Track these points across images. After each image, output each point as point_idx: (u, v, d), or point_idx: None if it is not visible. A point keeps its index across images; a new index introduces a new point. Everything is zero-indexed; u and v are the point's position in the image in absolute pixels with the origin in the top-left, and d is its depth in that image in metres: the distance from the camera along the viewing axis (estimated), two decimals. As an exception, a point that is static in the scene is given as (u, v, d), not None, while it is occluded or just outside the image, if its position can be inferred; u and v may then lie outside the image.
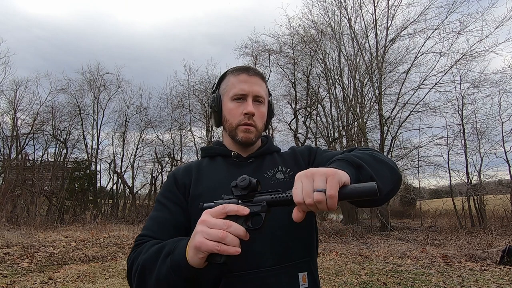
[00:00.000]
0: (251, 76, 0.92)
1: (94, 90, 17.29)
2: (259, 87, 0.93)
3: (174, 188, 0.90)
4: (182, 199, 0.88)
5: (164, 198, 0.89)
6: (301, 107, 14.63)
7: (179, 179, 0.91)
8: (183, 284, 0.66)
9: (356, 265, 5.64)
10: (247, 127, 0.91)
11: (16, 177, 13.24)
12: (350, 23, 12.20)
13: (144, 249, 0.76)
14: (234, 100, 0.91)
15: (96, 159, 17.27)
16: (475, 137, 10.79)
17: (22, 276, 4.74)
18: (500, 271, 5.04)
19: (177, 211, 0.86)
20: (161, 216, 0.86)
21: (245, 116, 0.90)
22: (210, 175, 0.91)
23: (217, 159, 0.96)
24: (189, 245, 0.64)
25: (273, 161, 0.96)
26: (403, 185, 13.75)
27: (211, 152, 0.98)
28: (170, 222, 0.85)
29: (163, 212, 0.87)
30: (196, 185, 0.89)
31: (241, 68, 0.94)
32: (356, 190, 0.56)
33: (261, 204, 0.63)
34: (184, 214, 0.86)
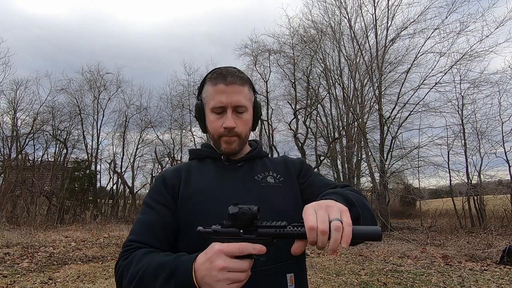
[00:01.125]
0: (229, 86, 0.87)
1: (94, 90, 17.30)
2: (239, 95, 0.88)
3: (162, 189, 0.88)
4: (171, 201, 0.87)
5: (151, 200, 0.88)
6: (301, 107, 14.64)
7: (168, 180, 0.89)
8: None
9: (356, 265, 5.64)
10: (229, 139, 0.90)
11: (16, 177, 13.24)
12: (350, 23, 12.21)
13: (135, 259, 0.74)
14: (214, 112, 0.89)
15: (96, 159, 17.27)
16: (475, 137, 10.80)
17: (22, 276, 4.74)
18: (500, 271, 5.04)
19: (166, 212, 0.85)
20: (149, 218, 0.84)
21: (225, 129, 0.88)
22: (200, 178, 0.90)
23: (207, 161, 0.96)
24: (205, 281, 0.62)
25: (263, 165, 0.97)
26: (403, 185, 13.76)
27: (200, 154, 0.98)
28: (158, 224, 0.83)
29: (150, 214, 0.85)
30: (186, 186, 0.88)
31: (218, 76, 0.89)
32: (364, 232, 0.58)
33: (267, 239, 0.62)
34: (172, 216, 0.85)
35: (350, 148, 13.10)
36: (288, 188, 0.93)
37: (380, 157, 11.06)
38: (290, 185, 0.94)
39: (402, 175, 12.97)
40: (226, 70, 0.90)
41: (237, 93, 0.88)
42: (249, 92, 0.92)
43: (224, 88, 0.87)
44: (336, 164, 14.12)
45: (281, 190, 0.91)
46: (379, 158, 11.10)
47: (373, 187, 11.53)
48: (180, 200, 0.86)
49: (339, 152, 13.98)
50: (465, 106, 10.88)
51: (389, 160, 11.16)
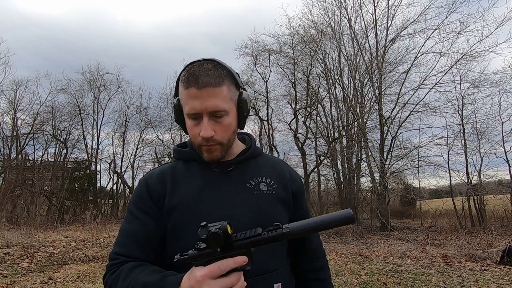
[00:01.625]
0: (202, 89, 0.75)
1: (94, 90, 17.30)
2: (215, 98, 0.76)
3: (146, 195, 0.83)
4: (155, 209, 0.82)
5: (135, 207, 0.84)
6: (301, 107, 14.64)
7: (151, 186, 0.84)
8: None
9: (356, 265, 5.64)
10: (209, 147, 0.81)
11: (16, 177, 13.23)
12: (350, 23, 12.20)
13: (122, 275, 0.74)
14: (190, 118, 0.80)
15: (96, 159, 17.27)
16: (475, 137, 10.79)
17: (22, 276, 4.74)
18: (500, 271, 5.04)
19: (149, 222, 0.81)
20: (132, 228, 0.82)
21: (203, 139, 0.79)
22: (185, 186, 0.84)
23: (193, 164, 0.87)
24: None
25: (257, 168, 0.90)
26: (403, 185, 13.76)
27: (185, 157, 0.89)
28: (143, 235, 0.81)
29: (134, 224, 0.82)
30: (171, 196, 0.82)
31: (190, 77, 0.77)
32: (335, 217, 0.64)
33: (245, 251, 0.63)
34: (156, 225, 0.82)
35: (350, 148, 13.10)
36: (280, 196, 0.88)
37: (380, 157, 11.06)
38: (284, 194, 0.90)
39: (402, 175, 12.98)
40: (200, 69, 0.77)
41: (213, 96, 0.76)
42: (228, 91, 0.79)
43: (196, 93, 0.76)
44: (336, 164, 14.13)
45: (273, 198, 0.87)
46: (379, 158, 11.10)
47: (373, 187, 11.53)
48: (166, 211, 0.81)
49: (339, 152, 13.98)
50: (465, 106, 10.88)
51: (389, 160, 11.15)
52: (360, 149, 13.19)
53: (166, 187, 0.83)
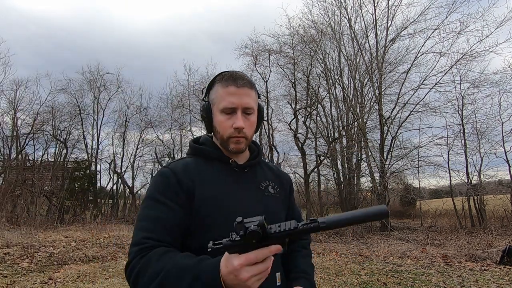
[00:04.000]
0: (239, 88, 0.91)
1: (94, 90, 17.29)
2: (248, 97, 0.93)
3: (175, 184, 0.87)
4: (184, 199, 0.86)
5: (161, 195, 0.86)
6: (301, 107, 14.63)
7: (181, 177, 0.88)
8: None
9: (356, 265, 5.64)
10: (238, 139, 0.92)
11: (16, 177, 13.23)
12: (350, 23, 12.20)
13: (154, 258, 0.74)
14: (224, 112, 0.92)
15: (96, 159, 17.27)
16: (475, 137, 10.78)
17: (22, 276, 4.74)
18: (500, 271, 5.04)
19: (178, 210, 0.85)
20: (162, 215, 0.83)
21: (235, 130, 0.91)
22: (213, 180, 0.91)
23: (215, 163, 0.96)
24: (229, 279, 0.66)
25: (264, 173, 1.02)
26: (403, 185, 13.76)
27: (208, 155, 0.97)
28: (173, 221, 0.83)
29: (161, 210, 0.84)
30: (201, 188, 0.88)
31: (229, 78, 0.92)
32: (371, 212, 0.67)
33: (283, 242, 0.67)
34: (184, 213, 0.85)
35: (350, 148, 13.09)
36: (282, 199, 1.03)
37: (380, 157, 11.06)
38: (283, 197, 1.04)
39: (402, 175, 12.97)
40: (236, 74, 0.94)
41: (247, 95, 0.92)
42: (255, 96, 0.97)
43: (235, 90, 0.91)
44: (336, 164, 14.12)
45: (279, 201, 1.01)
46: (379, 158, 11.10)
47: (373, 187, 11.53)
48: (197, 202, 0.86)
49: (339, 152, 13.97)
50: (465, 106, 10.88)
51: (389, 160, 11.15)
52: (360, 149, 13.19)
53: (195, 179, 0.89)
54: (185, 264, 0.72)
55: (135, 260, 0.77)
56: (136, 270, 0.75)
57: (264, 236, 0.64)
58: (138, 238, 0.81)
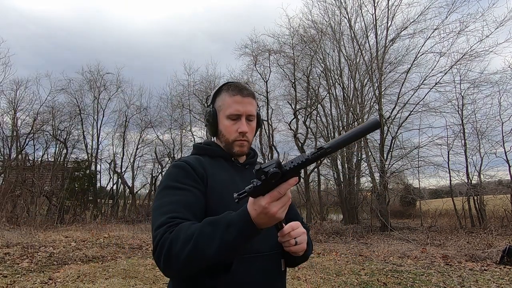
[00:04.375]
0: (244, 97, 1.04)
1: (94, 90, 17.31)
2: (251, 106, 1.06)
3: (193, 174, 0.95)
4: (201, 184, 0.94)
5: (179, 182, 0.92)
6: (301, 107, 14.63)
7: (195, 168, 0.96)
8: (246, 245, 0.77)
9: (356, 265, 5.64)
10: (242, 142, 1.05)
11: (16, 177, 13.23)
12: (350, 23, 12.20)
13: (184, 228, 0.78)
14: (229, 118, 1.04)
15: (96, 159, 17.28)
16: (475, 137, 10.79)
17: (22, 276, 4.74)
18: (500, 271, 5.04)
19: (199, 193, 0.92)
20: (185, 199, 0.89)
21: (240, 134, 1.04)
22: (220, 172, 1.01)
23: (219, 160, 1.07)
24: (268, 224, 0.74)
25: None
26: (403, 185, 13.76)
27: (213, 153, 1.08)
28: (196, 204, 0.89)
29: (187, 195, 0.90)
30: (212, 177, 0.97)
31: (235, 88, 1.05)
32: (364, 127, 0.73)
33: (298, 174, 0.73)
34: (203, 197, 0.92)
35: (350, 148, 13.09)
36: None
37: (380, 157, 11.06)
38: None
39: (402, 175, 12.97)
40: (241, 85, 1.07)
41: (250, 104, 1.05)
42: (256, 105, 1.10)
43: (240, 99, 1.04)
44: (336, 164, 14.12)
45: None
46: (379, 158, 11.10)
47: (373, 187, 11.53)
48: (209, 189, 0.95)
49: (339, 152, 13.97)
50: (465, 106, 10.88)
51: (389, 160, 11.15)
52: (360, 149, 13.19)
53: (206, 170, 0.99)
54: (215, 219, 0.77)
55: (165, 236, 0.78)
56: (168, 241, 0.77)
57: (282, 174, 0.70)
58: (164, 219, 0.83)
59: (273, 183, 0.71)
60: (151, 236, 1.01)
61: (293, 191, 22.41)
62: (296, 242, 0.88)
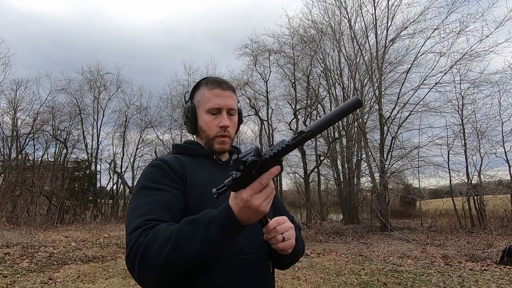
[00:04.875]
0: (224, 90, 1.00)
1: (94, 90, 17.31)
2: (231, 100, 1.01)
3: (171, 174, 0.89)
4: (180, 184, 0.89)
5: (157, 182, 0.86)
6: (301, 107, 14.64)
7: (174, 167, 0.91)
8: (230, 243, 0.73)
9: (356, 265, 5.64)
10: (223, 139, 1.00)
11: (16, 177, 13.23)
12: (350, 23, 12.20)
13: (161, 230, 0.73)
14: (209, 113, 0.99)
15: (96, 159, 17.27)
16: (475, 137, 10.79)
17: (22, 276, 4.74)
18: (500, 271, 5.04)
19: (179, 196, 0.86)
20: (163, 199, 0.83)
21: (221, 128, 0.99)
22: (201, 171, 0.96)
23: (200, 158, 1.01)
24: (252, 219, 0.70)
25: None
26: (403, 185, 13.76)
27: (193, 151, 1.02)
28: (175, 205, 0.84)
29: (164, 195, 0.84)
30: (192, 176, 0.92)
31: (214, 82, 1.01)
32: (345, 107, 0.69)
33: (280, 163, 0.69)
34: (183, 197, 0.87)
35: (350, 148, 13.10)
36: None
37: (380, 157, 11.06)
38: None
39: (402, 175, 12.97)
40: (220, 78, 1.03)
41: (230, 98, 1.01)
42: (236, 99, 1.05)
43: (220, 92, 0.99)
44: (336, 164, 14.12)
45: None
46: (379, 158, 11.09)
47: (373, 187, 11.52)
48: (189, 188, 0.89)
49: (339, 152, 13.97)
50: (465, 106, 10.88)
51: (389, 160, 11.15)
52: (360, 149, 13.19)
53: (185, 168, 0.93)
54: (195, 218, 0.73)
55: (140, 239, 0.72)
56: (144, 245, 0.71)
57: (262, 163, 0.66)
58: (139, 222, 0.77)
59: (253, 173, 0.66)
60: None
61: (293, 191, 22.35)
62: (284, 238, 0.81)
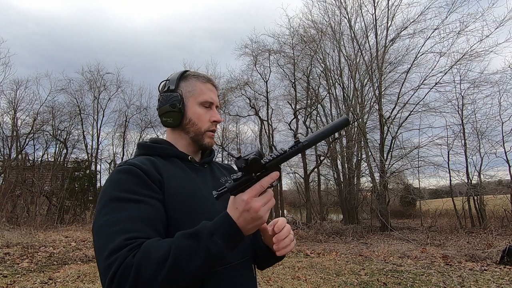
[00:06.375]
0: (214, 87, 1.00)
1: (94, 90, 17.30)
2: (217, 97, 1.02)
3: (147, 180, 0.78)
4: (159, 192, 0.79)
5: (134, 194, 0.75)
6: (301, 107, 14.64)
7: (149, 172, 0.80)
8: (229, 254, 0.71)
9: (356, 265, 5.64)
10: (213, 134, 0.98)
11: (16, 177, 13.23)
12: (350, 23, 12.20)
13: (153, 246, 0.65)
14: (203, 106, 0.95)
15: (96, 159, 17.27)
16: (475, 137, 10.78)
17: (22, 276, 4.74)
18: (500, 271, 5.04)
19: (159, 206, 0.77)
20: (142, 214, 0.73)
21: (213, 123, 0.97)
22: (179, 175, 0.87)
23: (173, 160, 0.91)
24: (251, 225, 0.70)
25: (219, 170, 1.05)
26: (403, 185, 13.76)
27: (165, 153, 0.92)
28: (156, 218, 0.75)
29: (142, 209, 0.73)
30: (169, 182, 0.82)
31: (205, 77, 0.99)
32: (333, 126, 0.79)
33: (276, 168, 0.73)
34: (163, 207, 0.78)
35: (350, 148, 13.10)
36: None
37: (380, 157, 11.06)
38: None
39: (402, 175, 12.97)
40: (209, 76, 1.02)
41: (217, 95, 1.01)
42: None
43: (212, 88, 0.99)
44: (336, 164, 14.13)
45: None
46: (379, 158, 11.10)
47: (373, 187, 11.53)
48: (167, 195, 0.80)
49: (339, 152, 13.97)
50: (465, 106, 10.88)
51: (389, 160, 11.15)
52: (360, 149, 13.19)
53: (161, 173, 0.83)
54: (193, 230, 0.68)
55: (127, 261, 0.63)
56: (135, 268, 0.62)
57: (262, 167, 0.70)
58: (120, 241, 0.66)
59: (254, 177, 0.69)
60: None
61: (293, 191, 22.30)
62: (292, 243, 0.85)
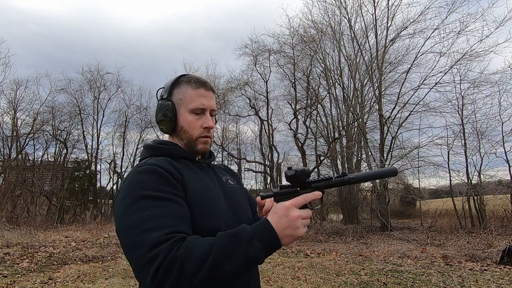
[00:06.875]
0: (207, 91, 0.98)
1: (94, 90, 17.28)
2: (213, 101, 1.00)
3: (171, 180, 0.83)
4: (183, 193, 0.84)
5: (164, 193, 0.79)
6: (301, 107, 14.63)
7: (172, 172, 0.85)
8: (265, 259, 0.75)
9: (356, 265, 5.64)
10: (206, 139, 0.98)
11: (16, 177, 13.23)
12: (350, 23, 12.20)
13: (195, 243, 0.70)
14: (193, 113, 0.96)
15: (96, 159, 17.26)
16: (475, 137, 10.77)
17: (22, 276, 4.74)
18: (500, 271, 5.04)
19: (185, 205, 0.83)
20: (174, 211, 0.78)
21: (205, 129, 0.97)
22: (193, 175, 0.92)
23: (183, 161, 0.96)
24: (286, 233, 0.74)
25: (219, 170, 1.10)
26: (403, 185, 13.75)
27: (176, 154, 0.96)
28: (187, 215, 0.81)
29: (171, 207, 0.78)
30: (189, 182, 0.87)
31: (197, 81, 0.97)
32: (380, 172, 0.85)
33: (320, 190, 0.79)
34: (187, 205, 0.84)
35: (350, 148, 13.09)
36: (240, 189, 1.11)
37: (380, 157, 11.06)
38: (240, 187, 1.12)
39: (402, 175, 12.96)
40: (201, 78, 1.00)
41: (212, 98, 0.99)
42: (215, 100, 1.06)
43: (205, 93, 0.97)
44: (336, 164, 14.12)
45: (240, 191, 1.09)
46: (379, 158, 11.09)
47: (373, 187, 11.53)
48: (188, 195, 0.85)
49: (339, 152, 13.97)
50: (465, 106, 10.87)
51: (389, 160, 11.14)
52: (360, 149, 13.19)
53: (180, 172, 0.89)
54: (234, 232, 0.73)
55: (172, 254, 0.67)
56: (179, 261, 0.66)
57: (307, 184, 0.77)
58: (160, 235, 0.70)
59: (298, 191, 0.76)
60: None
61: (293, 191, 22.41)
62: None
